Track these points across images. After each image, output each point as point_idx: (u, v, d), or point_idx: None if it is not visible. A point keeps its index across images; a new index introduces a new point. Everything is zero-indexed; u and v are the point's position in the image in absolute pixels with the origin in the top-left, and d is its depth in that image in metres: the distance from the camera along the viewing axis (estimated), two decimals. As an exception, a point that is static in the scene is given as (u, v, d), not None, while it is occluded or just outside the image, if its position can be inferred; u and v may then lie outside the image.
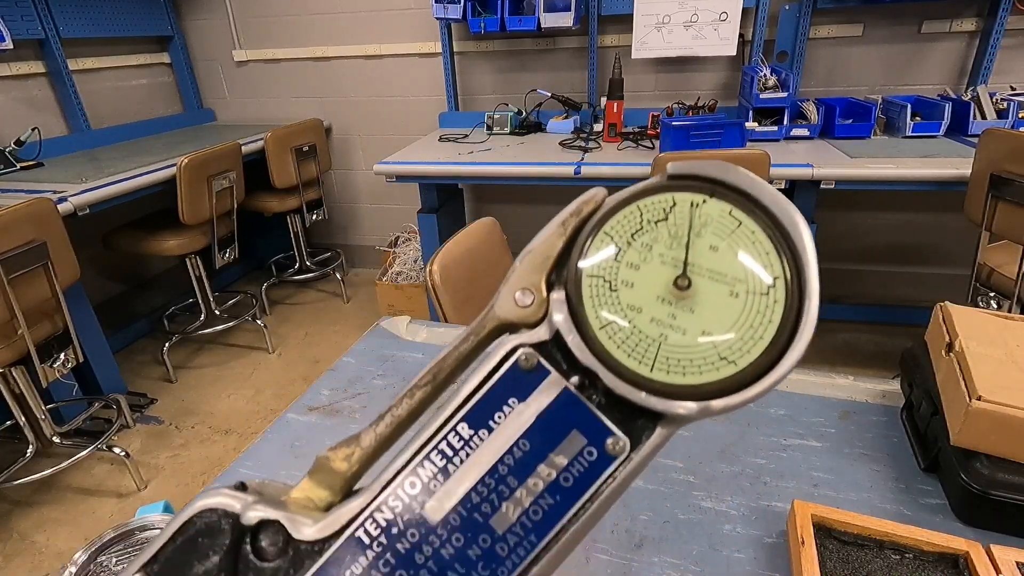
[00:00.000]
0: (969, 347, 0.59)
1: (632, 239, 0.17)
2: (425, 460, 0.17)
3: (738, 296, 0.16)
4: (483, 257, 1.24)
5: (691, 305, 0.16)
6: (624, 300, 0.16)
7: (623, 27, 2.41)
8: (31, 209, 1.55)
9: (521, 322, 0.17)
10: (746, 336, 0.15)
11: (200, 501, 0.18)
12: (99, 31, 2.58)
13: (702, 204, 0.16)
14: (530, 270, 0.17)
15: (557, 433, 0.17)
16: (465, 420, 0.17)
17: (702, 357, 0.16)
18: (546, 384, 0.17)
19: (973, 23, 2.17)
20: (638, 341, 0.16)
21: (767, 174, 1.71)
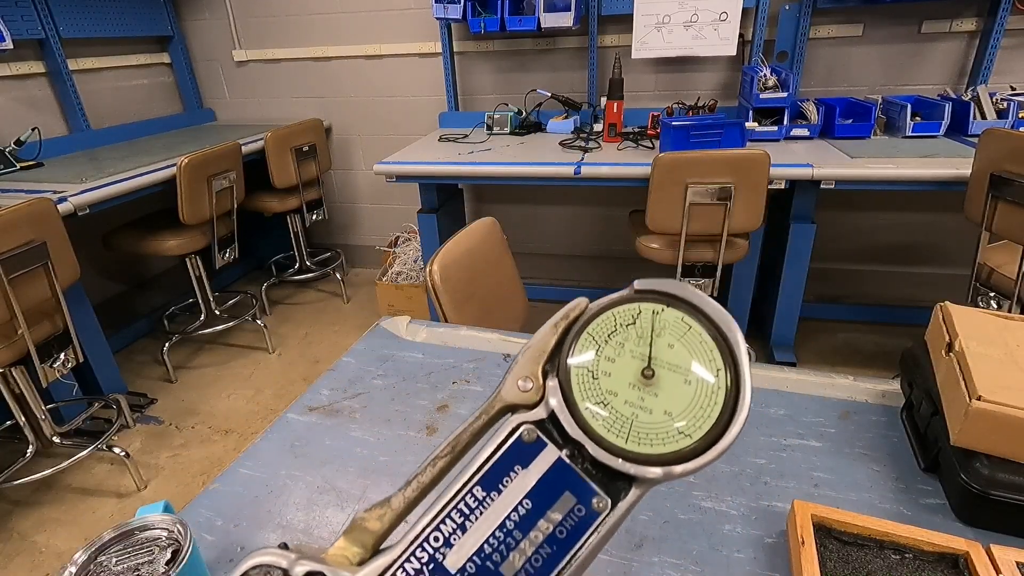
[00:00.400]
0: (969, 347, 0.59)
1: (609, 338, 0.22)
2: (447, 518, 0.21)
3: (690, 384, 0.21)
4: (483, 257, 1.24)
5: (655, 390, 0.21)
6: (603, 386, 0.21)
7: (623, 27, 2.41)
8: (31, 209, 1.55)
9: (522, 403, 0.22)
10: (698, 415, 0.20)
11: (252, 559, 0.22)
12: (99, 31, 2.58)
13: (661, 312, 0.22)
14: (529, 362, 0.22)
15: (553, 494, 0.21)
16: (479, 484, 0.22)
17: (665, 432, 0.20)
18: (544, 454, 0.21)
19: (973, 23, 2.17)
20: (615, 419, 0.21)
21: (767, 174, 1.71)
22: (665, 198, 1.78)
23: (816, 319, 2.53)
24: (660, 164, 1.73)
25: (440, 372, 0.82)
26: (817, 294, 2.61)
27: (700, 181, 1.73)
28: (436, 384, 0.79)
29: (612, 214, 2.78)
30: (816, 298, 2.60)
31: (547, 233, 2.92)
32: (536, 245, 2.94)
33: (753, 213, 1.77)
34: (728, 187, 1.72)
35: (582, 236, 2.89)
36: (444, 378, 0.80)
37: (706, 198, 1.75)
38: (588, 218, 2.84)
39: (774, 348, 2.19)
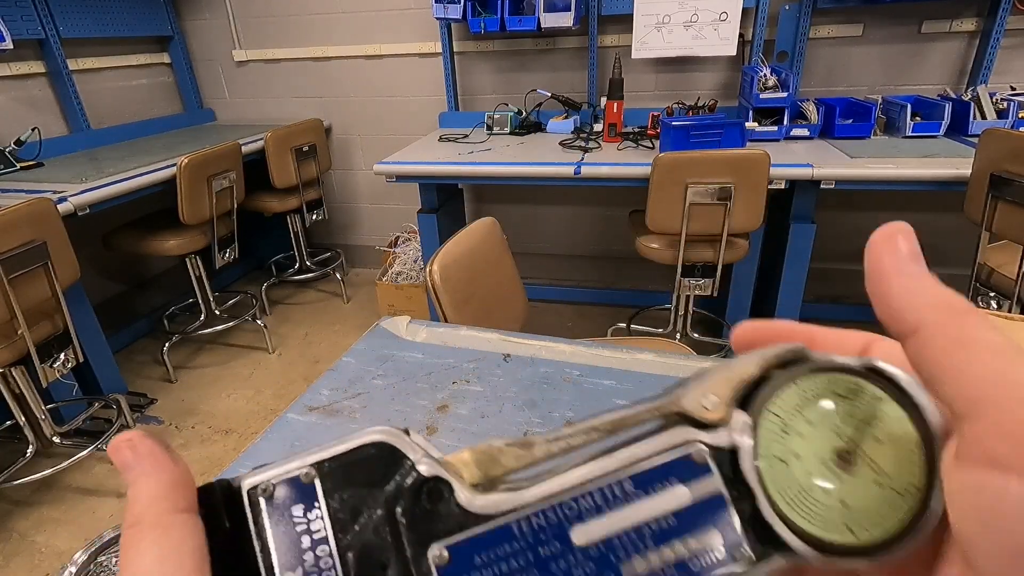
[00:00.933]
0: (969, 347, 0.59)
1: (815, 399, 0.20)
2: (589, 494, 0.20)
3: (881, 488, 0.19)
4: (483, 257, 1.24)
5: (840, 475, 0.20)
6: (791, 446, 0.20)
7: (623, 27, 2.41)
8: (31, 209, 1.55)
9: (696, 417, 0.21)
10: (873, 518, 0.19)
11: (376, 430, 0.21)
12: (99, 31, 2.58)
13: (883, 401, 0.20)
14: (723, 383, 0.21)
15: (700, 523, 0.20)
16: (632, 478, 0.21)
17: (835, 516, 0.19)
18: (707, 480, 0.20)
19: (973, 23, 2.17)
20: (789, 486, 0.20)
21: (767, 174, 1.71)
22: (665, 198, 1.78)
23: (816, 319, 2.51)
24: (660, 164, 1.73)
25: (440, 372, 0.82)
26: (817, 294, 2.61)
27: (700, 181, 1.73)
28: (436, 384, 0.79)
29: (612, 214, 2.78)
30: (816, 298, 2.60)
31: (547, 233, 2.92)
32: (536, 245, 2.94)
33: (753, 213, 1.77)
34: (728, 187, 1.72)
35: (582, 236, 2.89)
36: (444, 378, 0.80)
37: (706, 198, 1.75)
38: (588, 218, 2.84)
39: (774, 348, 2.19)
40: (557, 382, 0.78)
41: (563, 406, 0.73)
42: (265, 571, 0.19)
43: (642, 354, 0.81)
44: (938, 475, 0.18)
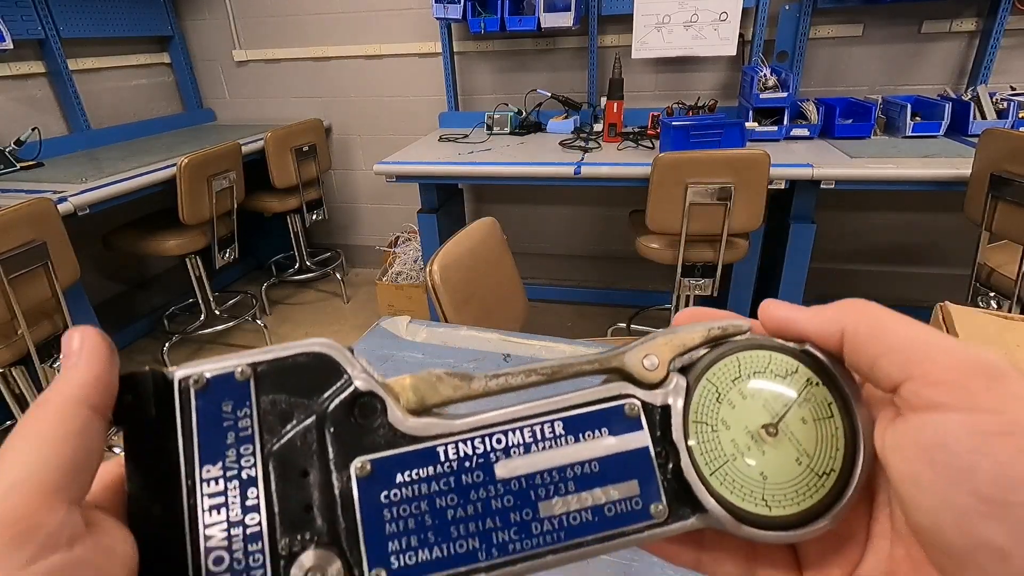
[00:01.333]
0: (969, 347, 0.59)
1: (752, 376, 0.21)
2: (519, 430, 0.21)
3: (800, 465, 0.20)
4: (483, 257, 1.24)
5: (764, 448, 0.20)
6: (721, 414, 0.21)
7: (623, 27, 2.41)
8: (31, 209, 1.55)
9: (636, 376, 0.21)
10: (789, 496, 0.20)
11: (317, 342, 0.21)
12: (99, 31, 2.58)
13: (815, 385, 0.21)
14: (666, 346, 0.22)
15: (622, 473, 0.21)
16: (563, 422, 0.21)
17: (751, 490, 0.20)
18: (636, 434, 0.21)
19: (973, 23, 2.17)
20: (713, 450, 0.20)
21: (767, 174, 1.71)
22: (665, 198, 1.78)
23: (816, 319, 2.52)
24: (660, 164, 1.73)
25: (440, 372, 0.82)
26: (817, 294, 2.61)
27: (700, 181, 1.73)
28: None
29: (612, 214, 2.78)
30: (816, 298, 2.58)
31: (547, 233, 2.92)
32: (536, 245, 2.94)
33: (753, 213, 1.77)
34: (728, 187, 1.72)
35: (582, 236, 2.89)
36: (444, 378, 0.80)
37: (706, 198, 1.75)
38: (588, 218, 2.84)
39: (774, 348, 2.19)
40: (557, 382, 0.78)
41: (563, 406, 0.73)
42: (185, 463, 0.19)
43: (642, 354, 0.81)
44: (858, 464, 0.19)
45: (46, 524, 0.15)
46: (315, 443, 0.20)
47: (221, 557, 0.18)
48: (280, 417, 0.20)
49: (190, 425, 0.19)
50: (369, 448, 0.20)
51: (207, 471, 0.19)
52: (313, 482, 0.19)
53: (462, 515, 0.20)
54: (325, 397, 0.20)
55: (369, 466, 0.20)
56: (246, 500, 0.19)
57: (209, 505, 0.19)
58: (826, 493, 0.20)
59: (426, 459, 0.20)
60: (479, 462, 0.20)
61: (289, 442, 0.20)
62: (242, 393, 0.20)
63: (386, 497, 0.19)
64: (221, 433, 0.19)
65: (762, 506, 0.20)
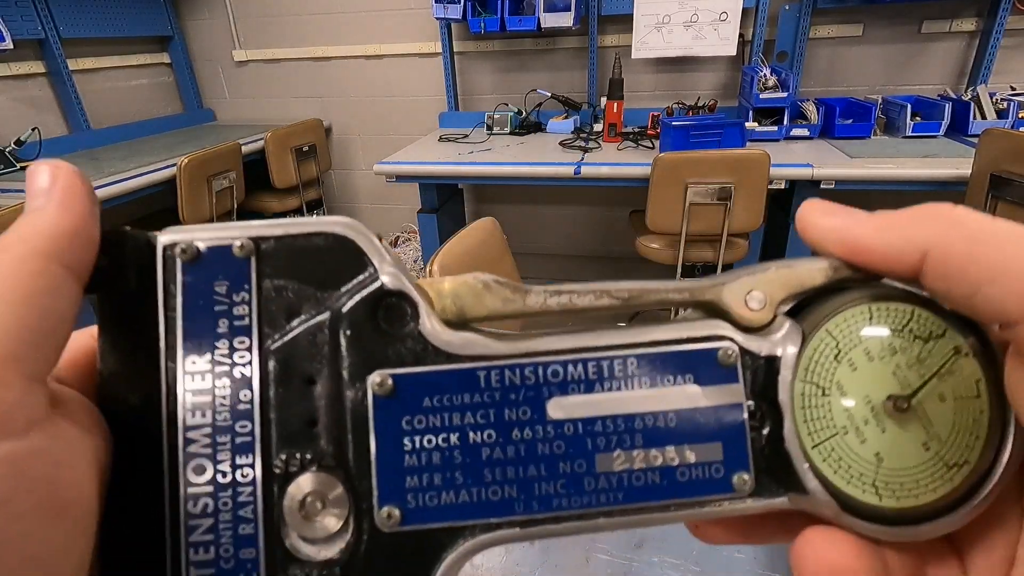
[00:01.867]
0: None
1: (886, 332, 0.17)
2: (581, 363, 0.17)
3: (928, 451, 0.16)
4: (483, 257, 1.24)
5: (887, 425, 0.16)
6: (839, 376, 0.17)
7: (623, 27, 2.41)
8: (31, 209, 1.55)
9: (735, 315, 0.17)
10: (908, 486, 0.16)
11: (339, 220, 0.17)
12: (99, 31, 2.58)
13: (965, 355, 0.16)
14: (778, 284, 0.17)
15: (705, 433, 0.17)
16: (637, 359, 0.17)
17: (861, 473, 0.16)
18: (728, 388, 0.17)
19: (973, 23, 2.17)
20: (821, 419, 0.17)
21: (767, 174, 1.71)
22: (665, 198, 1.78)
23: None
24: (660, 164, 1.74)
25: (440, 372, 0.82)
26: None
27: (700, 181, 1.73)
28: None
29: (612, 214, 2.78)
30: (816, 298, 2.60)
31: (547, 233, 2.92)
32: (536, 245, 2.94)
33: (753, 213, 1.77)
34: (728, 187, 1.72)
35: (582, 236, 2.89)
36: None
37: (706, 198, 1.75)
38: (588, 218, 2.84)
39: (774, 348, 2.19)
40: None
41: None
42: (167, 350, 0.16)
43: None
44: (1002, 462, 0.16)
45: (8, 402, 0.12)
46: (326, 345, 0.16)
47: (202, 466, 0.15)
48: (285, 308, 0.16)
49: (173, 304, 0.16)
50: (392, 361, 0.16)
51: (192, 362, 0.16)
52: (320, 393, 0.16)
53: (500, 456, 0.16)
54: (343, 291, 0.16)
55: (391, 382, 0.16)
56: (237, 403, 0.16)
57: (192, 404, 0.16)
58: (952, 488, 0.16)
59: (463, 382, 0.16)
60: (528, 395, 0.17)
61: (294, 340, 0.16)
62: (240, 272, 0.16)
63: (408, 423, 0.16)
64: (212, 318, 0.16)
65: (871, 493, 0.16)
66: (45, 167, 0.15)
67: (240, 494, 0.15)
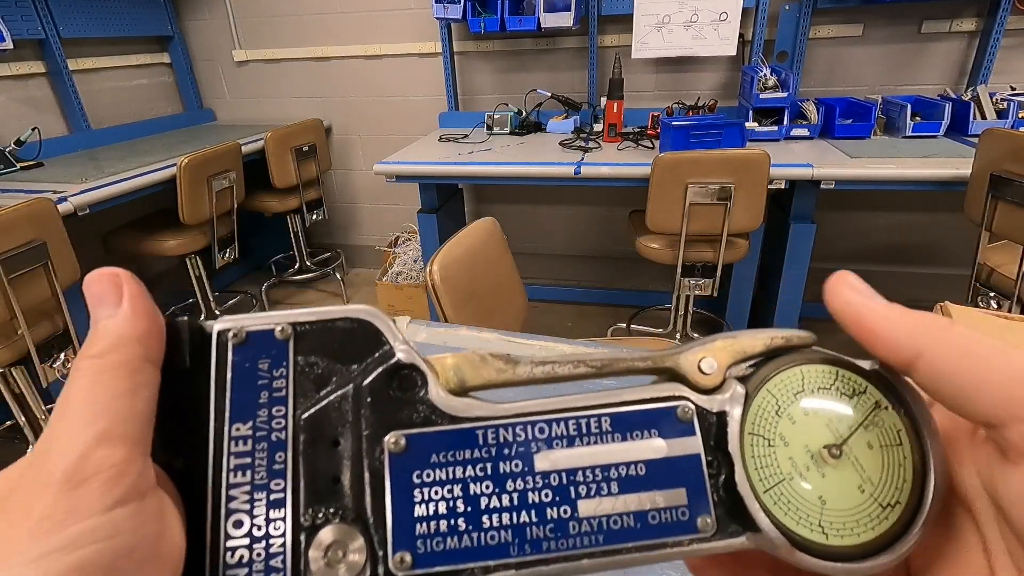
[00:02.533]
0: (969, 347, 0.59)
1: (817, 392, 0.20)
2: (563, 421, 0.20)
3: (863, 494, 0.19)
4: (483, 257, 1.24)
5: (824, 471, 0.19)
6: (780, 429, 0.19)
7: (623, 27, 2.41)
8: (31, 209, 1.55)
9: (690, 379, 0.20)
10: (848, 526, 0.18)
11: (363, 308, 0.20)
12: (99, 31, 2.58)
13: (885, 409, 0.19)
14: (726, 351, 0.20)
15: (670, 480, 0.19)
16: (611, 418, 0.20)
17: (808, 514, 0.19)
18: (687, 440, 0.20)
19: (973, 23, 2.17)
20: (769, 467, 0.19)
21: (767, 174, 1.71)
22: (665, 198, 1.78)
23: (816, 319, 2.52)
24: (660, 164, 1.74)
25: (440, 372, 0.82)
26: (817, 294, 2.58)
27: (700, 181, 1.73)
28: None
29: (612, 214, 2.78)
30: (816, 298, 2.57)
31: (547, 233, 2.92)
32: (536, 245, 2.94)
33: (753, 213, 1.77)
34: (728, 187, 1.72)
35: (582, 236, 2.89)
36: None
37: (706, 198, 1.75)
38: (588, 218, 2.84)
39: (774, 348, 2.19)
40: (557, 382, 0.77)
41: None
42: (215, 417, 0.18)
43: (642, 354, 0.81)
44: (927, 501, 0.18)
45: (130, 473, 0.15)
46: (349, 412, 0.19)
47: (241, 520, 0.18)
48: (316, 381, 0.19)
49: (224, 379, 0.19)
50: (405, 424, 0.19)
51: (236, 429, 0.18)
52: (343, 453, 0.19)
53: (496, 505, 0.19)
54: (365, 366, 0.19)
55: (404, 441, 0.19)
56: (273, 464, 0.18)
57: (235, 465, 0.18)
58: (890, 527, 0.18)
59: (464, 441, 0.19)
60: (519, 450, 0.19)
61: (323, 408, 0.19)
62: (280, 352, 0.19)
63: (418, 476, 0.19)
64: (255, 391, 0.19)
65: (818, 533, 0.18)
66: (106, 278, 0.18)
67: (272, 545, 0.18)
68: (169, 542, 0.16)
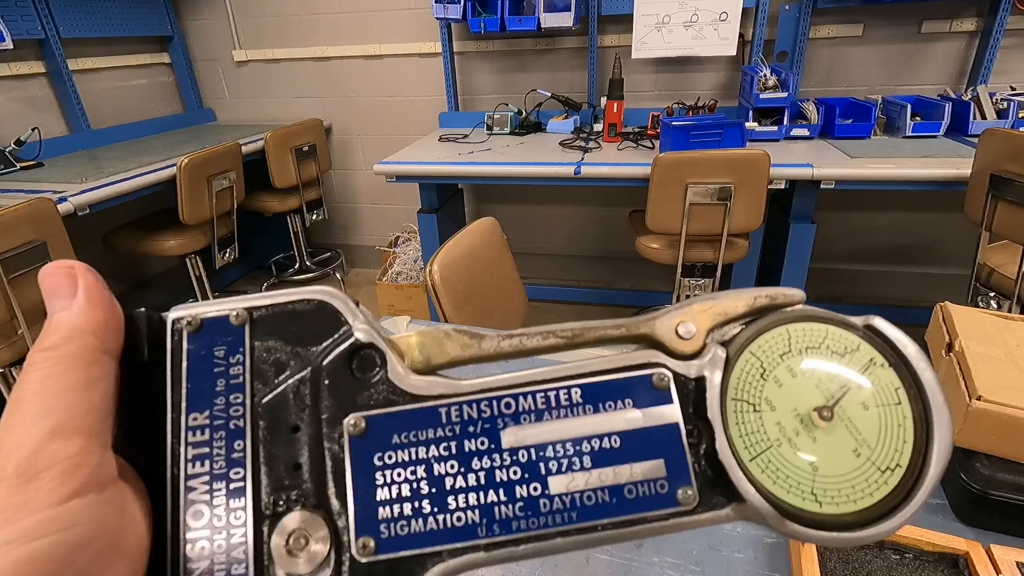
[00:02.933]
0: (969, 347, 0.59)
1: (805, 351, 0.18)
2: (531, 395, 0.19)
3: (859, 457, 0.17)
4: (483, 257, 1.24)
5: (816, 435, 0.18)
6: (766, 392, 0.18)
7: (623, 27, 2.41)
8: (31, 209, 1.55)
9: (669, 347, 0.19)
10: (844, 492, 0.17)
11: (320, 289, 0.19)
12: (99, 31, 2.58)
13: (881, 366, 0.18)
14: (704, 314, 0.19)
15: (647, 451, 0.18)
16: (581, 388, 0.19)
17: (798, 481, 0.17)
18: (664, 409, 0.19)
19: (973, 23, 2.17)
20: (755, 433, 0.18)
21: (767, 174, 1.71)
22: (665, 198, 1.78)
23: (816, 319, 2.52)
24: (660, 164, 1.74)
25: (440, 372, 0.82)
26: (817, 294, 2.61)
27: (700, 181, 1.73)
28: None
29: (612, 214, 2.78)
30: (816, 298, 2.60)
31: (547, 233, 2.92)
32: (536, 245, 2.94)
33: (753, 213, 1.77)
34: (728, 187, 1.72)
35: (582, 236, 2.89)
36: (444, 378, 0.80)
37: (706, 198, 1.75)
38: (588, 218, 2.84)
39: (774, 348, 2.19)
40: (557, 382, 0.77)
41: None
42: (172, 408, 0.18)
43: (642, 354, 0.81)
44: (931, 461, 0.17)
45: (86, 465, 0.15)
46: (308, 396, 0.18)
47: (201, 511, 0.17)
48: (274, 367, 0.19)
49: (179, 369, 0.18)
50: (365, 405, 0.18)
51: (193, 419, 0.18)
52: (303, 439, 0.18)
53: (462, 485, 0.18)
54: (323, 348, 0.19)
55: (363, 423, 0.18)
56: (232, 453, 0.18)
57: (193, 455, 0.18)
58: (890, 492, 0.17)
59: (426, 420, 0.18)
60: (484, 427, 0.18)
61: (281, 394, 0.18)
62: (236, 338, 0.19)
63: (379, 459, 0.18)
64: (211, 379, 0.18)
65: (811, 501, 0.17)
66: (60, 270, 0.18)
67: (233, 536, 0.17)
68: (131, 534, 0.16)
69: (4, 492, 0.14)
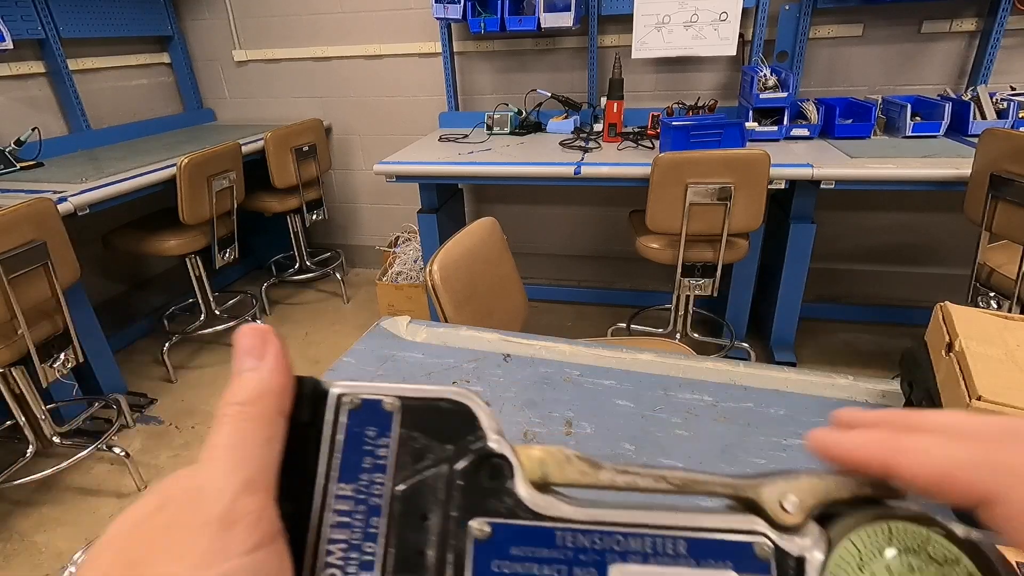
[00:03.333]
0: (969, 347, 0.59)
1: (904, 550, 0.19)
2: (640, 537, 0.20)
3: None
4: (483, 257, 1.24)
5: None
6: None
7: (623, 27, 2.41)
8: (31, 209, 1.55)
9: (770, 514, 0.20)
10: None
11: (461, 392, 0.21)
12: (99, 31, 2.58)
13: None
14: (809, 491, 0.20)
15: None
16: (687, 542, 0.20)
17: None
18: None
19: (973, 23, 2.17)
20: None
21: (767, 174, 1.71)
22: (665, 198, 1.78)
23: (816, 319, 2.53)
24: (660, 164, 1.73)
25: (440, 372, 0.82)
26: (817, 294, 2.61)
27: (700, 181, 1.73)
28: (436, 384, 0.79)
29: (612, 214, 2.78)
30: (816, 298, 2.60)
31: (547, 233, 2.92)
32: (536, 245, 2.94)
33: (753, 213, 1.77)
34: (728, 187, 1.72)
35: (582, 236, 2.89)
36: (444, 378, 0.80)
37: (706, 198, 1.75)
38: (588, 218, 2.84)
39: (774, 348, 2.19)
40: (557, 382, 0.78)
41: (563, 406, 0.73)
42: (324, 474, 0.20)
43: (642, 354, 0.81)
44: None
45: (266, 518, 0.17)
46: (441, 490, 0.20)
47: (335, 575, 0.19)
48: (415, 454, 0.20)
49: (335, 440, 0.20)
50: (491, 511, 0.20)
51: (340, 489, 0.20)
52: (431, 528, 0.19)
53: None
54: (458, 447, 0.20)
55: (488, 528, 0.19)
56: (368, 527, 0.19)
57: (336, 522, 0.19)
58: None
59: (545, 539, 0.20)
60: (594, 558, 0.19)
61: (418, 483, 0.20)
62: (387, 423, 0.20)
63: (497, 566, 0.19)
64: (360, 456, 0.20)
65: None
66: (254, 333, 0.20)
67: None
68: None
69: (209, 538, 0.16)
